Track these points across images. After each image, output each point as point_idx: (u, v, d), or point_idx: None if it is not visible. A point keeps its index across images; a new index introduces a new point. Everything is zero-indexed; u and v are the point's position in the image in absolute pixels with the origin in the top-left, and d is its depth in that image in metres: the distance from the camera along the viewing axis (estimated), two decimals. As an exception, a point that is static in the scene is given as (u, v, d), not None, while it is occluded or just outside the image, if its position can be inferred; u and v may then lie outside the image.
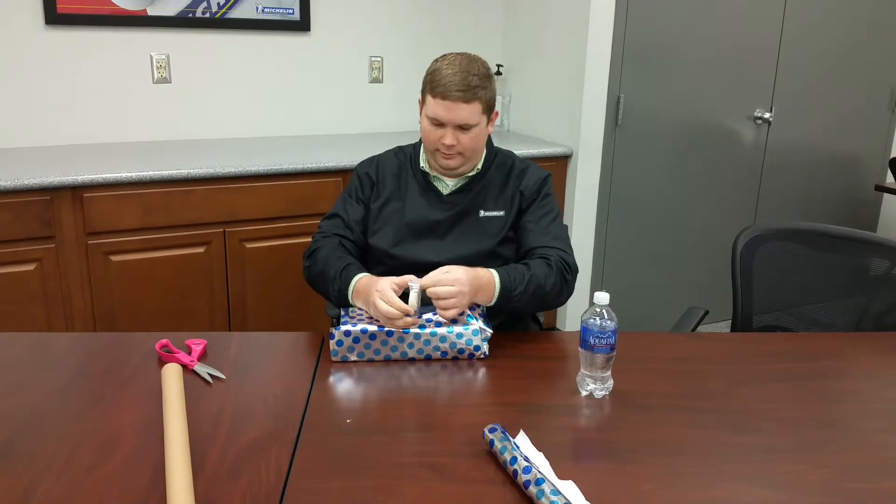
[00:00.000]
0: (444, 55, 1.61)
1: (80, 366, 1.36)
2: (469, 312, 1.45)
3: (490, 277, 1.47)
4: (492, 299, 1.48)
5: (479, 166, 1.68)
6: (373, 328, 1.38)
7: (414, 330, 1.39)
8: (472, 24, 3.33)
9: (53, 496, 0.98)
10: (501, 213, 1.68)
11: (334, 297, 1.54)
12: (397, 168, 1.73)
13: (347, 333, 1.38)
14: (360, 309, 1.48)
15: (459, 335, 1.40)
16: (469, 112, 1.56)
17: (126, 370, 1.34)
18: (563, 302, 1.59)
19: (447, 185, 1.69)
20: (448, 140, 1.58)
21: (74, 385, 1.29)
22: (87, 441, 1.11)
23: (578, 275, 1.63)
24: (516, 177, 1.70)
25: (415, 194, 1.69)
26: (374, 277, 1.48)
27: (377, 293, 1.40)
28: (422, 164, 1.70)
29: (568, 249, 1.62)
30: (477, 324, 1.41)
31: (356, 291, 1.49)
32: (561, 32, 3.00)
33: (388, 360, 1.40)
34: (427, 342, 1.40)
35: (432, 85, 1.57)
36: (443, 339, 1.39)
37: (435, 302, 1.39)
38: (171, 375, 1.26)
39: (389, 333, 1.38)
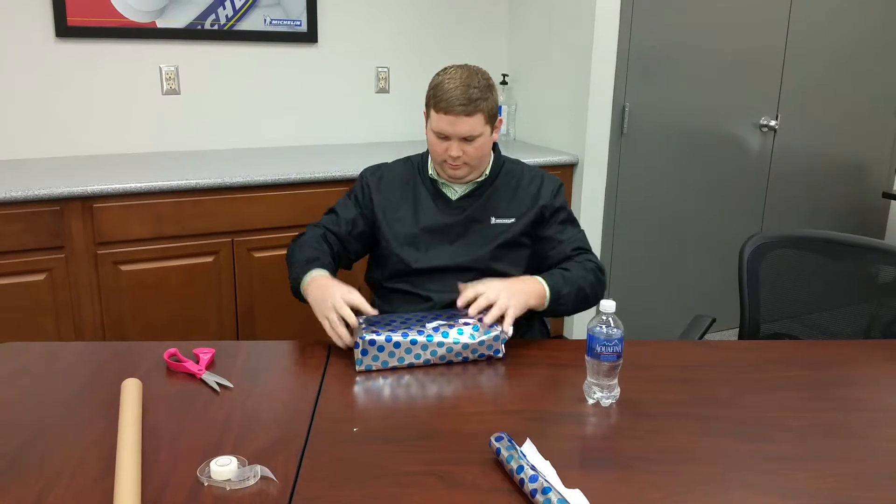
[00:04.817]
0: (446, 69, 1.63)
1: (89, 375, 1.37)
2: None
3: (535, 281, 1.54)
4: (545, 303, 1.54)
5: (487, 172, 1.71)
6: (397, 337, 1.39)
7: (437, 338, 1.41)
8: (477, 34, 3.35)
9: (63, 504, 0.99)
10: (512, 220, 1.70)
11: (292, 280, 1.61)
12: (406, 176, 1.76)
13: (372, 343, 1.38)
14: (376, 318, 1.48)
15: (482, 342, 1.42)
16: (472, 125, 1.59)
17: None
18: (600, 299, 1.63)
19: (456, 191, 1.72)
20: (454, 152, 1.61)
21: (83, 394, 1.30)
22: (96, 451, 1.11)
23: None
24: (528, 184, 1.73)
25: (426, 200, 1.72)
26: (335, 283, 1.50)
27: (335, 310, 1.43)
28: (430, 173, 1.73)
29: (591, 250, 1.71)
30: (497, 329, 1.43)
31: (310, 285, 1.54)
32: (566, 42, 3.01)
33: (405, 368, 1.41)
34: (450, 349, 1.42)
35: (435, 100, 1.60)
36: (465, 346, 1.42)
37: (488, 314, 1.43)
38: (130, 391, 1.24)
39: (413, 342, 1.40)
